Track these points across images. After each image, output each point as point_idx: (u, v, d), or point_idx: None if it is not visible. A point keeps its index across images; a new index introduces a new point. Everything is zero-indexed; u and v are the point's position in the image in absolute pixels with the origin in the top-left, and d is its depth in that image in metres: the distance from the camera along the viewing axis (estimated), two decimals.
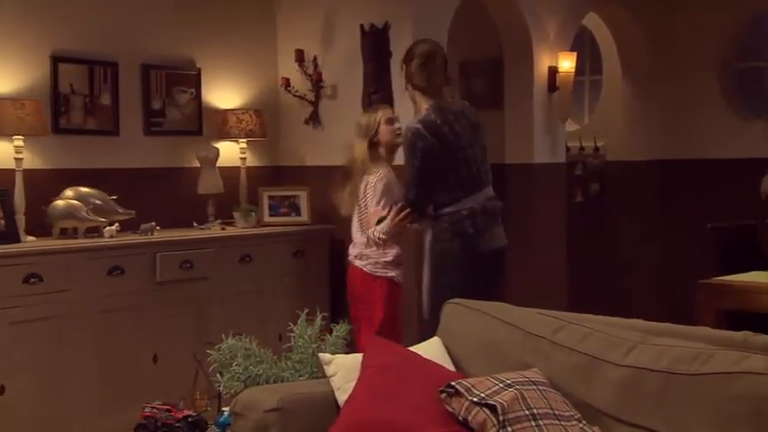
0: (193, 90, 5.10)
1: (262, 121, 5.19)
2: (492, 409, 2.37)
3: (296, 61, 5.27)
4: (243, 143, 5.17)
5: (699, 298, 3.99)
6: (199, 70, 5.13)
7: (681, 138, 6.43)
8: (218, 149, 5.05)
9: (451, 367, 2.80)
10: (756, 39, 6.37)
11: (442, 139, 3.65)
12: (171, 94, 5.00)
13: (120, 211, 4.48)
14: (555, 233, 5.92)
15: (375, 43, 4.98)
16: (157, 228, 4.56)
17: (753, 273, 3.97)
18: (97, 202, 4.39)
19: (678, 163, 6.45)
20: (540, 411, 2.41)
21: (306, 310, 3.08)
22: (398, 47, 4.95)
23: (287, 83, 5.33)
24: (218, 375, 2.95)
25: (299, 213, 5.24)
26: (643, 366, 2.44)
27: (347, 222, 5.21)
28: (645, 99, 6.59)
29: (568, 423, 2.43)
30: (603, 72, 6.87)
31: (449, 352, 2.89)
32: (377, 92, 5.02)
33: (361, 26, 5.03)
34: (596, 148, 6.82)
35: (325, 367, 2.69)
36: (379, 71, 4.99)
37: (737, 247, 4.26)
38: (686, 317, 3.89)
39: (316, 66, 5.27)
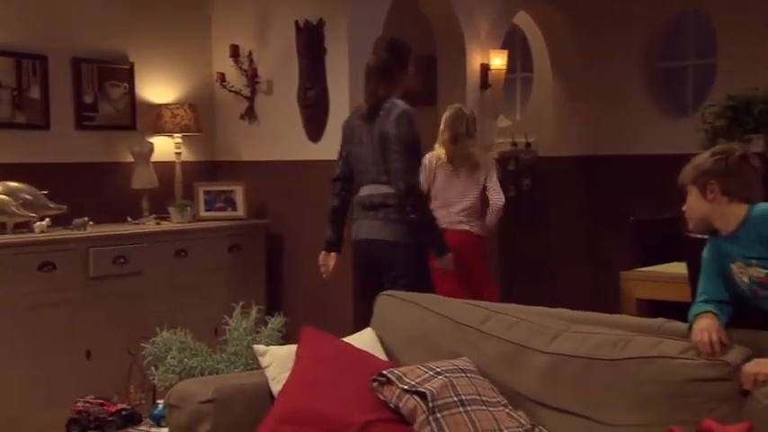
0: (126, 84, 5.05)
1: (197, 116, 5.17)
2: (422, 396, 2.44)
3: (231, 57, 5.26)
4: (178, 138, 5.15)
5: (621, 287, 4.12)
6: (132, 65, 5.08)
7: (607, 134, 6.58)
8: (152, 144, 5.01)
9: (384, 357, 2.85)
10: (678, 40, 6.55)
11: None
12: (103, 89, 4.95)
13: (52, 206, 4.42)
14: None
15: (310, 39, 5.01)
16: (90, 223, 4.51)
17: (672, 264, 4.10)
18: (27, 196, 4.31)
19: (605, 158, 6.60)
20: (468, 398, 2.48)
21: (241, 303, 3.10)
22: (333, 43, 5.00)
23: (222, 78, 5.32)
24: (152, 369, 2.96)
25: (234, 208, 5.24)
26: (566, 353, 2.54)
27: (283, 216, 5.26)
28: (574, 97, 6.72)
29: (495, 408, 2.51)
30: (534, 70, 6.98)
31: (381, 342, 2.94)
32: (312, 87, 5.06)
33: (296, 22, 5.04)
34: (528, 144, 6.93)
35: (259, 358, 2.71)
36: (315, 67, 5.02)
37: (658, 240, 4.38)
38: (610, 305, 4.02)
39: (251, 61, 5.27)
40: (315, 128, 5.09)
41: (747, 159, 2.45)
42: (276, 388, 2.62)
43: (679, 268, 3.77)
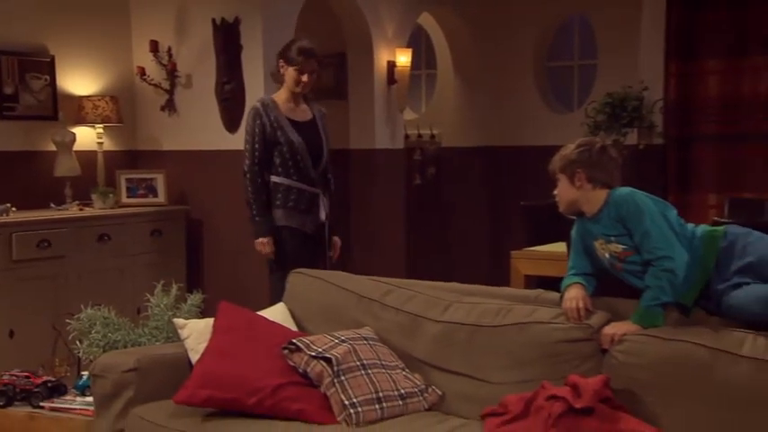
0: (47, 77, 5.00)
1: (118, 108, 5.16)
2: (328, 361, 2.58)
3: (150, 51, 5.25)
4: (99, 128, 5.13)
5: (512, 265, 4.32)
6: (52, 57, 5.02)
7: (503, 127, 6.77)
8: (74, 134, 4.98)
9: (294, 328, 2.97)
10: (565, 41, 6.79)
11: None
12: (24, 80, 4.88)
13: None
14: (395, 212, 6.18)
15: (226, 37, 5.05)
16: (13, 209, 4.47)
17: (556, 244, 4.29)
18: None
19: (501, 149, 6.80)
20: (369, 362, 2.63)
21: (162, 282, 3.17)
22: (249, 40, 5.06)
23: (142, 72, 5.31)
24: (77, 343, 3.00)
25: (156, 195, 5.26)
26: (456, 321, 2.71)
27: (203, 203, 5.31)
28: (473, 92, 6.88)
29: (393, 371, 2.67)
30: (437, 67, 7.12)
31: (292, 315, 3.05)
32: (229, 81, 5.11)
33: (213, 20, 5.08)
34: (432, 136, 7.05)
35: (179, 331, 2.79)
36: (231, 62, 5.08)
37: (546, 222, 4.47)
38: (503, 281, 4.23)
39: (170, 56, 5.28)
40: (232, 120, 5.15)
41: (607, 150, 2.63)
42: (195, 357, 2.70)
43: (561, 248, 3.95)
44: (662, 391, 2.31)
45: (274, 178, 3.78)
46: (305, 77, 3.76)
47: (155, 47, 5.26)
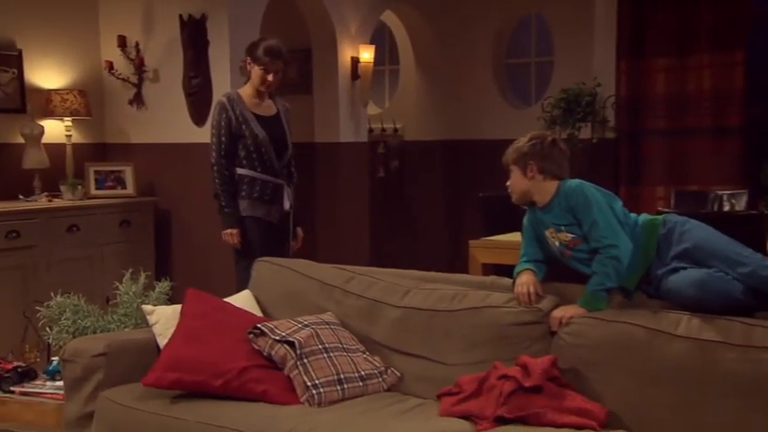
0: (15, 70, 4.96)
1: (86, 101, 5.14)
2: (291, 345, 2.63)
3: (118, 46, 5.24)
4: (68, 121, 5.11)
5: (470, 254, 4.39)
6: (20, 51, 4.99)
7: (464, 121, 6.85)
8: (42, 127, 4.96)
9: (259, 314, 3.01)
10: (522, 39, 6.86)
11: None
12: None
13: None
14: (360, 203, 6.24)
15: (193, 33, 5.06)
16: None
17: (512, 234, 4.36)
18: None
19: (461, 142, 6.88)
20: (331, 345, 2.69)
21: (130, 270, 3.19)
22: (215, 36, 5.07)
23: (110, 66, 5.30)
24: (47, 330, 3.01)
25: (124, 186, 5.26)
26: (414, 306, 2.77)
27: (171, 194, 5.32)
28: (435, 87, 6.95)
29: (354, 354, 2.73)
30: (400, 63, 7.17)
31: (258, 302, 3.09)
32: (197, 76, 5.12)
33: (180, 16, 5.09)
34: (395, 130, 7.11)
35: (147, 317, 2.82)
36: (198, 57, 5.09)
37: (502, 213, 4.51)
38: (463, 269, 4.29)
39: (138, 51, 5.28)
40: (199, 113, 5.16)
41: (557, 143, 2.69)
42: (163, 342, 2.73)
43: (516, 237, 3.99)
44: (605, 369, 2.39)
45: (239, 170, 3.80)
46: (270, 77, 3.78)
47: (122, 42, 5.25)
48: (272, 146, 3.81)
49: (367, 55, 6.07)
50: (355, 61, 6.04)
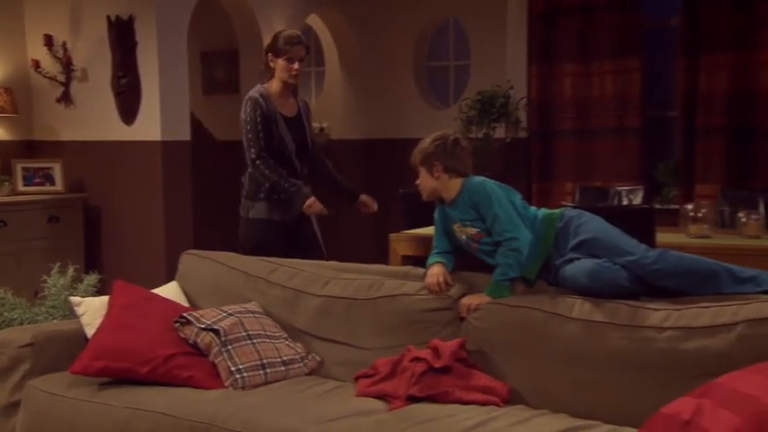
0: None
1: (12, 99, 5.04)
2: (216, 332, 2.67)
3: (45, 45, 5.15)
4: None
5: (390, 247, 4.49)
6: None
7: (386, 121, 6.92)
8: None
9: (186, 304, 3.02)
10: (441, 43, 6.97)
11: None
12: None
13: None
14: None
15: (121, 33, 5.01)
16: None
17: (429, 227, 4.43)
18: None
19: (384, 141, 6.96)
20: (254, 333, 2.73)
21: (58, 263, 3.16)
22: (143, 37, 5.04)
23: (37, 64, 5.20)
24: None
25: (53, 183, 5.18)
26: (334, 295, 2.83)
27: (101, 190, 5.26)
28: (359, 89, 7.00)
29: (277, 341, 2.78)
30: (326, 64, 7.22)
31: (185, 293, 3.10)
32: (125, 76, 5.07)
33: (108, 17, 5.03)
34: (321, 129, 7.15)
35: (75, 308, 2.80)
36: (127, 57, 5.04)
37: (420, 208, 4.59)
38: (385, 260, 4.38)
39: (65, 50, 5.19)
40: (128, 112, 5.12)
41: (459, 142, 2.77)
42: (90, 332, 2.73)
43: (432, 231, 4.14)
44: (508, 350, 2.50)
45: None
46: (295, 65, 3.54)
47: (49, 41, 5.16)
48: (295, 148, 3.61)
49: None
50: None
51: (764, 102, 5.19)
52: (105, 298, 2.83)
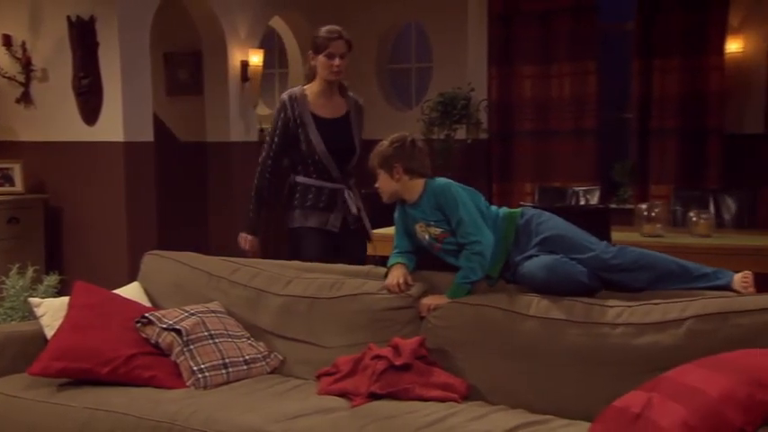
0: None
1: None
2: (178, 332, 2.65)
3: (3, 45, 5.06)
4: None
5: None
6: None
7: None
8: None
9: (148, 304, 2.99)
10: (403, 45, 7.00)
11: None
12: None
13: None
14: (250, 199, 6.22)
15: (82, 33, 4.93)
16: None
17: (392, 227, 4.46)
18: None
19: None
20: (216, 332, 2.71)
21: (17, 264, 3.11)
22: (105, 37, 4.97)
23: None
24: None
25: (12, 184, 5.08)
26: (296, 294, 2.82)
27: (62, 191, 5.17)
28: None
29: (239, 340, 2.76)
30: (289, 66, 7.21)
31: (147, 294, 3.06)
32: (86, 76, 5.00)
33: (68, 18, 4.95)
34: None
35: (35, 309, 2.76)
36: (88, 58, 4.96)
37: (383, 208, 4.60)
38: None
39: (24, 50, 5.10)
40: (90, 113, 5.05)
41: (416, 143, 2.75)
42: (50, 333, 2.68)
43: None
44: (467, 348, 2.52)
45: (294, 177, 3.36)
46: (336, 61, 3.26)
47: (7, 41, 5.06)
48: (329, 153, 3.30)
49: (256, 59, 6.08)
50: (245, 64, 6.04)
51: (714, 104, 5.31)
52: (65, 299, 2.79)
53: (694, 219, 4.06)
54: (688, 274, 2.44)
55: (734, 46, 5.32)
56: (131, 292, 3.03)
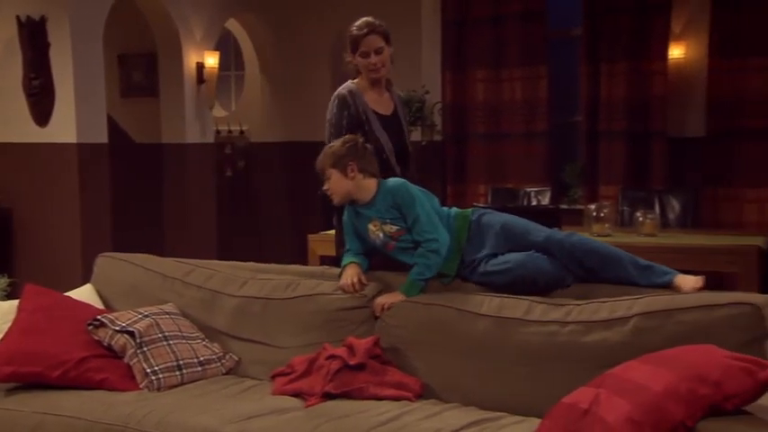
0: None
1: None
2: (131, 334, 2.60)
3: None
4: None
5: (309, 247, 4.48)
6: None
7: (306, 124, 6.83)
8: None
9: (101, 307, 2.93)
10: None
11: None
12: None
13: None
14: (207, 201, 6.17)
15: (32, 34, 4.81)
16: None
17: None
18: None
19: (303, 144, 6.92)
20: (170, 334, 2.67)
21: None
22: (56, 38, 4.86)
23: None
24: None
25: None
26: (251, 295, 2.79)
27: (13, 192, 5.04)
28: (278, 92, 6.96)
29: (194, 341, 2.73)
30: (245, 68, 7.14)
31: (100, 296, 3.01)
32: (37, 77, 4.89)
33: (18, 18, 4.83)
34: (242, 131, 7.10)
35: None
36: (39, 59, 4.85)
37: (339, 209, 4.63)
38: (304, 260, 4.36)
39: None
40: (41, 114, 4.94)
41: (366, 146, 2.75)
42: None
43: None
44: (421, 347, 2.52)
45: None
46: (373, 58, 2.97)
47: None
48: (393, 151, 3.07)
49: (212, 61, 6.01)
50: (200, 66, 5.97)
51: (658, 108, 5.42)
52: (15, 302, 2.72)
53: (641, 219, 4.13)
54: (636, 263, 2.48)
55: (676, 52, 5.43)
56: (83, 294, 2.97)
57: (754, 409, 1.80)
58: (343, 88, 3.09)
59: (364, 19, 3.03)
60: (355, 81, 3.09)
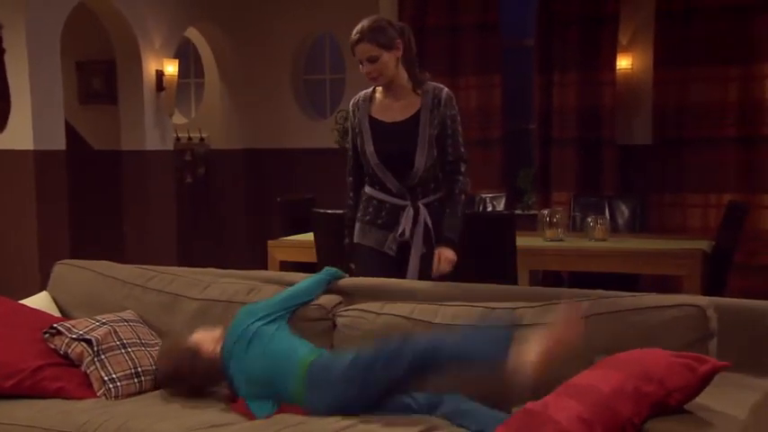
0: None
1: None
2: (88, 342, 2.53)
3: None
4: None
5: (269, 253, 4.44)
6: None
7: (266, 131, 6.84)
8: None
9: (58, 315, 2.85)
10: (317, 57, 6.97)
11: None
12: None
13: None
14: (167, 207, 6.08)
15: None
16: None
17: (306, 234, 4.44)
18: None
19: (263, 151, 6.88)
20: (129, 341, 2.60)
21: None
22: (12, 44, 4.74)
23: None
24: None
25: None
26: (212, 299, 2.75)
27: None
28: (238, 100, 6.89)
29: (152, 348, 2.65)
30: (205, 76, 7.07)
31: (57, 304, 2.92)
32: None
33: None
34: (202, 138, 7.02)
35: None
36: None
37: (301, 215, 4.54)
38: (264, 266, 4.33)
39: None
40: None
41: None
42: None
43: (310, 237, 4.14)
44: None
45: (365, 186, 2.97)
46: (366, 67, 2.83)
47: None
48: (383, 164, 2.86)
49: (171, 68, 5.93)
50: (160, 74, 5.88)
51: (607, 117, 5.52)
52: None
53: (592, 224, 4.19)
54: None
55: (624, 62, 5.54)
56: (39, 302, 2.88)
57: (696, 409, 1.83)
58: (357, 96, 3.01)
59: (360, 24, 2.86)
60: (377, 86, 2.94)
